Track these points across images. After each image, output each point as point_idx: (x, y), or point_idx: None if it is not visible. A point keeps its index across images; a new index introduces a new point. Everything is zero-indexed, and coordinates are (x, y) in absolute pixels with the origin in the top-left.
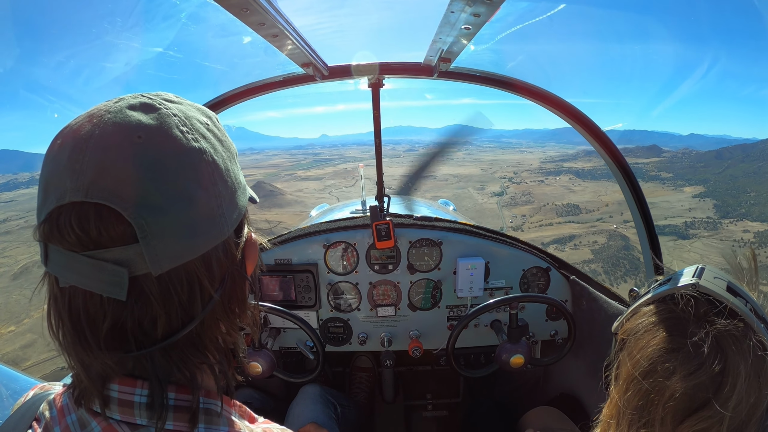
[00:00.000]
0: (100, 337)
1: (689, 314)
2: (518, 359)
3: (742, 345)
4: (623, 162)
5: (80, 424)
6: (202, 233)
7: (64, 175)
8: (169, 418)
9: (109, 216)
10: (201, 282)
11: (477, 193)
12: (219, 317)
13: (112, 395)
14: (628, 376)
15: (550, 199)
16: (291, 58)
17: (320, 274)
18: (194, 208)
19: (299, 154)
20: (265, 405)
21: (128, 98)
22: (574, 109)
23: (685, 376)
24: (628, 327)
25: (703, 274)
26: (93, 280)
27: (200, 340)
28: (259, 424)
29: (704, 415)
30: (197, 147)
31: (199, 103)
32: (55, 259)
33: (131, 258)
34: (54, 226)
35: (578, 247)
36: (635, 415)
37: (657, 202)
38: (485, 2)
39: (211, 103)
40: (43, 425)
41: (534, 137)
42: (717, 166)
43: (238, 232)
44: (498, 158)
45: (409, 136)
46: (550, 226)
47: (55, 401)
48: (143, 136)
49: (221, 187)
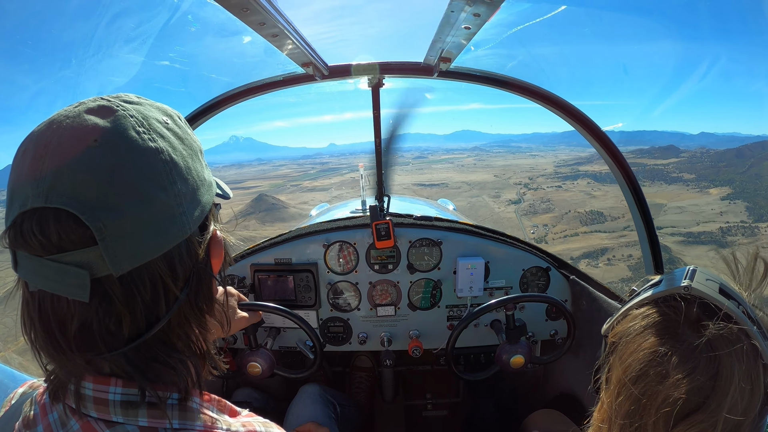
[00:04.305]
0: (70, 339)
1: (681, 317)
2: (518, 359)
3: (735, 348)
4: (623, 161)
5: (61, 423)
6: (162, 232)
7: (26, 182)
8: (143, 414)
9: (68, 220)
10: (164, 281)
11: (492, 201)
12: (187, 315)
13: (87, 393)
14: (619, 381)
15: (571, 206)
16: (291, 57)
17: (320, 273)
18: (152, 208)
19: (307, 163)
20: (265, 405)
21: (88, 102)
22: (572, 107)
23: (677, 380)
24: (619, 330)
25: (695, 276)
26: (58, 283)
27: (169, 339)
28: (240, 418)
29: (697, 419)
30: (153, 147)
31: (199, 104)
32: (23, 264)
33: (92, 260)
34: (18, 232)
35: (612, 262)
36: (627, 420)
37: (685, 206)
38: (485, 2)
39: (211, 103)
40: (27, 423)
41: (543, 141)
42: (740, 165)
43: (202, 229)
44: (510, 163)
45: (418, 143)
46: (576, 237)
47: (38, 399)
48: (99, 139)
49: (181, 186)
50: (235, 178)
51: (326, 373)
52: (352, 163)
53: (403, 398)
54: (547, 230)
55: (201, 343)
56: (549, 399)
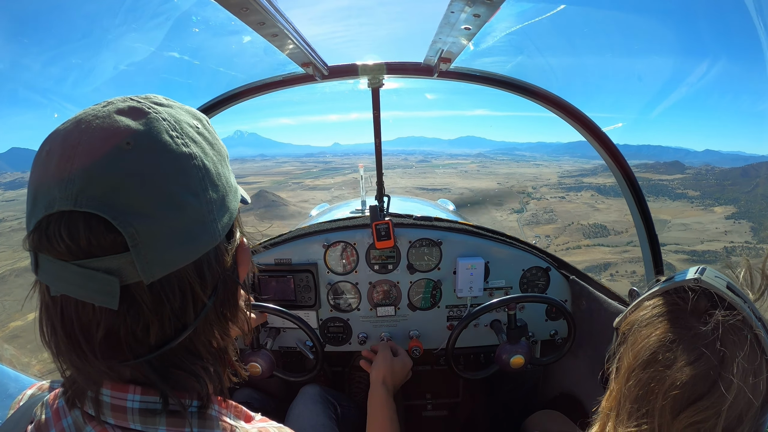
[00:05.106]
0: (95, 346)
1: (691, 307)
2: (518, 360)
3: (741, 338)
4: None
5: (76, 429)
6: (193, 239)
7: (53, 184)
8: (162, 422)
9: (98, 225)
10: (193, 289)
11: (495, 209)
12: (212, 322)
13: (105, 400)
14: (629, 367)
15: (575, 217)
16: (291, 57)
17: (320, 273)
18: (185, 215)
19: (310, 161)
20: (265, 405)
21: (117, 102)
22: (572, 107)
23: (685, 366)
24: (631, 319)
25: (705, 272)
26: (84, 289)
27: (193, 345)
28: (255, 423)
29: (703, 405)
30: (187, 152)
31: (199, 104)
32: (46, 267)
33: (122, 267)
34: (43, 235)
35: (615, 278)
36: (635, 405)
37: (689, 223)
38: (485, 2)
39: (211, 103)
40: (39, 428)
41: (547, 150)
42: (745, 184)
43: (229, 236)
44: (513, 171)
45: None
46: (578, 250)
47: (50, 403)
48: (132, 142)
49: (212, 192)
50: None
51: (326, 374)
52: (355, 163)
53: (403, 398)
54: (549, 241)
55: (223, 350)
56: (549, 399)
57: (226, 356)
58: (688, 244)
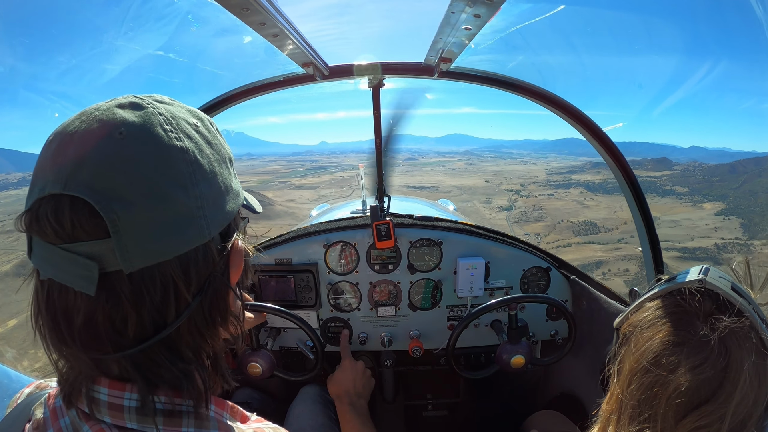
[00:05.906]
0: (74, 332)
1: (696, 309)
2: (519, 360)
3: (746, 343)
4: (624, 163)
5: (73, 428)
6: (178, 232)
7: (48, 168)
8: (159, 422)
9: (83, 209)
10: (176, 285)
11: (483, 207)
12: (198, 324)
13: (101, 398)
14: (632, 369)
15: (564, 215)
16: (291, 57)
17: (320, 273)
18: (170, 207)
19: (296, 160)
20: (265, 405)
21: (120, 98)
22: (572, 107)
23: (689, 370)
24: (633, 321)
25: (709, 273)
26: (66, 273)
27: (176, 346)
28: (251, 423)
29: (707, 410)
30: (179, 146)
31: (200, 104)
32: (37, 251)
33: (103, 253)
34: (34, 217)
35: (608, 277)
36: (637, 409)
37: (679, 220)
38: (486, 3)
39: (211, 104)
40: (37, 427)
41: (534, 148)
42: (733, 180)
43: (224, 237)
44: (501, 169)
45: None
46: (568, 248)
47: (48, 402)
48: (125, 132)
49: (204, 188)
50: None
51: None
52: (342, 161)
53: (403, 398)
54: (539, 239)
55: (210, 355)
56: (549, 399)
57: (213, 361)
58: (679, 241)
